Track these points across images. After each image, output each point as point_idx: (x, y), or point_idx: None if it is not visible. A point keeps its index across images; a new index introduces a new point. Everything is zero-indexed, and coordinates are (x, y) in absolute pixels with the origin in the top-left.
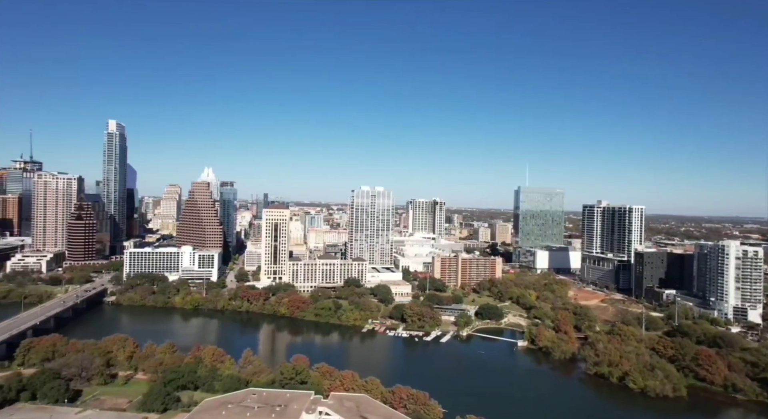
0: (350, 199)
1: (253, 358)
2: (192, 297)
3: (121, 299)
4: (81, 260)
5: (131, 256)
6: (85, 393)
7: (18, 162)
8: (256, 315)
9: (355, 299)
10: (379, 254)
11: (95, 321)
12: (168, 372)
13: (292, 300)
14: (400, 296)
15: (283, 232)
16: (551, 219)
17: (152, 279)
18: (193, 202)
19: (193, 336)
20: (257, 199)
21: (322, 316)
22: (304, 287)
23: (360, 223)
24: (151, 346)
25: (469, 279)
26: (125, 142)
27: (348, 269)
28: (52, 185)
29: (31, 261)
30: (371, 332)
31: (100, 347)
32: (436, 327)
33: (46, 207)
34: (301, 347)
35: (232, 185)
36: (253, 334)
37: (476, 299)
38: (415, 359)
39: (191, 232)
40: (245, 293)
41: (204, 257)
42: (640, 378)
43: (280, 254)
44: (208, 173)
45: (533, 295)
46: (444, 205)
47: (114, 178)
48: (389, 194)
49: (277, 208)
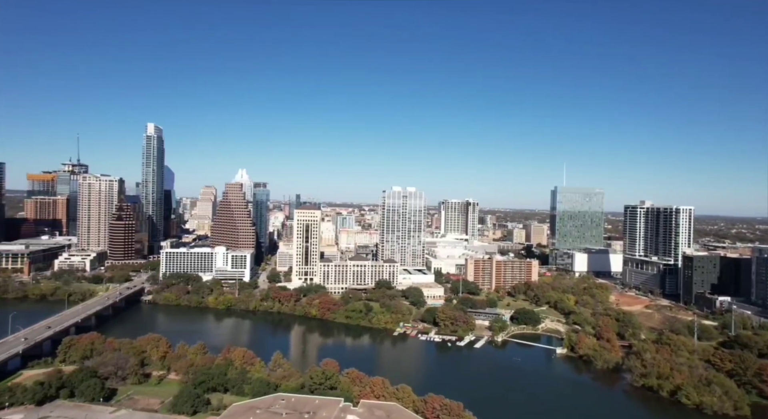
0: (381, 200)
1: (283, 361)
2: (225, 297)
3: (157, 299)
4: (121, 260)
5: (167, 256)
6: (119, 392)
7: (66, 165)
8: (287, 316)
9: (386, 301)
10: (410, 256)
11: (133, 320)
12: (198, 374)
13: (323, 302)
14: (432, 299)
15: (315, 233)
16: (590, 220)
17: (187, 279)
18: (226, 203)
19: (225, 337)
20: (290, 200)
21: (353, 318)
22: (335, 288)
23: (391, 224)
24: (183, 347)
25: (504, 282)
26: (162, 144)
27: (379, 271)
28: (96, 187)
29: (76, 260)
30: (402, 335)
31: (135, 346)
32: (469, 332)
33: (90, 208)
34: (331, 350)
35: (264, 186)
36: (284, 336)
37: (511, 304)
38: (448, 365)
39: (225, 233)
40: (276, 294)
41: (237, 257)
42: (694, 393)
43: (311, 255)
44: (242, 174)
45: (572, 299)
46: (477, 205)
47: (152, 179)
48: (421, 195)
49: (308, 209)
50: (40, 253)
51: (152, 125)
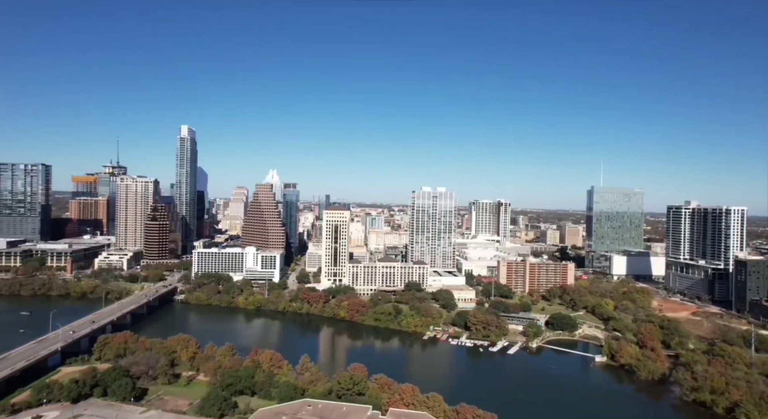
0: (411, 200)
1: (311, 365)
2: (254, 298)
3: (189, 298)
4: (156, 259)
5: (199, 256)
6: (150, 392)
7: (107, 167)
8: (315, 317)
9: (416, 304)
10: (440, 257)
11: (165, 319)
12: (226, 376)
13: (352, 304)
14: (463, 302)
15: (344, 234)
16: (629, 221)
17: (218, 279)
18: (256, 203)
19: (254, 338)
20: (319, 200)
21: (382, 321)
22: (364, 290)
23: (421, 225)
24: (212, 348)
25: (538, 285)
26: (195, 146)
27: (408, 273)
28: (132, 188)
29: (114, 259)
30: (433, 339)
31: (165, 346)
32: (502, 337)
33: (126, 209)
34: (360, 353)
35: (294, 187)
36: (312, 337)
37: (546, 308)
38: (481, 372)
39: (255, 233)
40: (305, 295)
41: (266, 258)
42: (756, 411)
43: (340, 256)
44: (272, 175)
45: (610, 304)
46: (509, 206)
47: (185, 180)
48: (451, 195)
49: (337, 209)
50: (82, 252)
51: (186, 127)
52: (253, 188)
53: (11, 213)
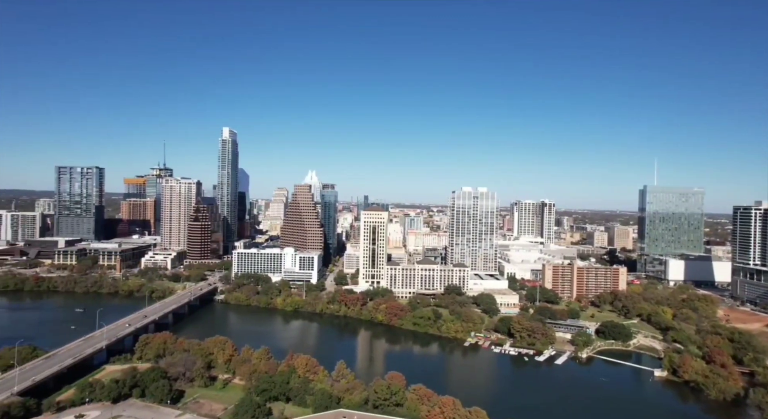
0: (450, 200)
1: (347, 372)
2: (292, 299)
3: (228, 298)
4: (198, 259)
5: (239, 256)
6: (186, 395)
7: (154, 169)
8: (353, 320)
9: (456, 308)
10: (481, 260)
11: (205, 318)
12: (261, 381)
13: (390, 307)
14: (506, 307)
15: (381, 235)
16: (687, 223)
17: (257, 279)
18: (295, 204)
19: (290, 340)
20: (358, 201)
21: (421, 325)
22: (402, 293)
23: (461, 226)
24: (248, 351)
25: (586, 291)
26: (236, 148)
27: (448, 276)
28: (176, 189)
29: (159, 259)
30: (474, 346)
31: (202, 347)
32: (549, 346)
33: (171, 209)
34: (398, 359)
35: (333, 188)
36: (349, 341)
37: (596, 315)
38: (526, 383)
39: (293, 234)
40: (343, 297)
41: (304, 258)
42: None
43: (378, 258)
44: (311, 176)
45: (668, 313)
46: (554, 206)
47: (227, 182)
48: (493, 195)
49: (375, 210)
50: (130, 251)
51: (227, 130)
52: (293, 189)
53: (69, 214)
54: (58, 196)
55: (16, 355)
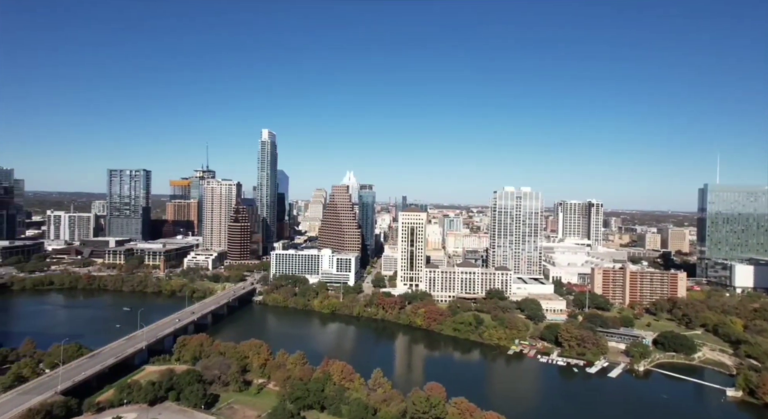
0: (492, 201)
1: (384, 381)
2: (329, 302)
3: (266, 299)
4: (238, 260)
5: (277, 257)
6: (221, 400)
7: (198, 171)
8: (390, 324)
9: (499, 313)
10: (525, 263)
11: (243, 320)
12: (296, 388)
13: (429, 311)
14: (552, 313)
15: (420, 237)
16: (755, 224)
17: (295, 281)
18: (333, 205)
19: (327, 344)
20: (396, 201)
21: (461, 331)
22: (442, 296)
23: (503, 227)
24: (283, 355)
25: (641, 297)
26: (275, 149)
27: (490, 279)
28: (217, 191)
29: (201, 259)
30: (518, 355)
31: (238, 351)
32: (600, 356)
33: (212, 211)
34: (437, 368)
35: (371, 188)
36: (386, 346)
37: (652, 324)
38: (578, 397)
39: (331, 235)
40: (380, 300)
41: (342, 260)
42: None
43: (416, 260)
44: (349, 177)
45: (738, 323)
46: (602, 207)
47: (266, 183)
48: (537, 196)
49: (413, 211)
50: (174, 252)
51: (266, 131)
52: (330, 190)
53: (119, 215)
54: (109, 198)
55: (62, 353)
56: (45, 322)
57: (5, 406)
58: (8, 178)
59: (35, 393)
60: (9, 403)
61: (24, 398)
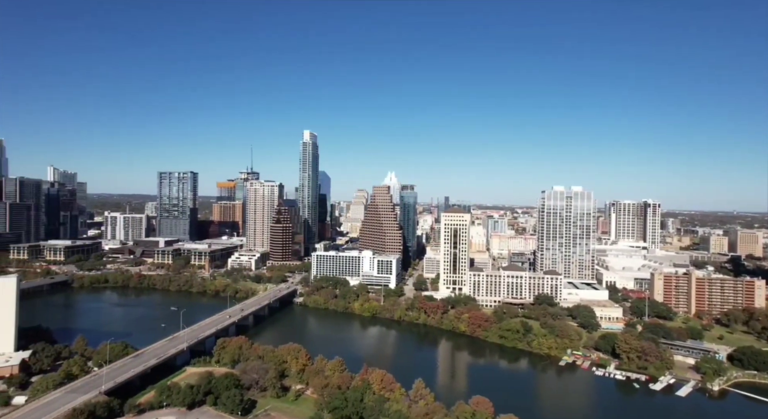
0: (539, 201)
1: (425, 392)
2: (370, 304)
3: (307, 301)
4: (280, 261)
5: (318, 259)
6: (258, 406)
7: (243, 173)
8: (432, 329)
9: (549, 321)
10: (575, 267)
11: (283, 321)
12: (333, 398)
13: (473, 317)
14: (607, 321)
15: (463, 238)
16: None
17: (335, 283)
18: (373, 206)
19: (367, 348)
20: (438, 202)
21: (508, 339)
22: (486, 301)
23: (552, 229)
24: (322, 361)
25: (709, 306)
26: (317, 150)
27: (538, 284)
28: (260, 192)
29: (244, 260)
30: (571, 366)
31: (276, 355)
32: (666, 372)
33: (255, 212)
34: (482, 378)
35: (412, 189)
36: (428, 353)
37: (725, 336)
38: (641, 417)
39: (372, 236)
40: (422, 304)
41: (382, 262)
42: None
43: (459, 263)
44: (390, 177)
45: None
46: (659, 207)
47: (308, 184)
48: (589, 196)
49: (456, 212)
50: (219, 252)
51: (308, 132)
52: (372, 191)
53: (168, 216)
54: (160, 199)
55: (108, 353)
56: (98, 319)
57: (53, 404)
58: (72, 181)
59: (81, 391)
60: (57, 401)
61: (70, 396)
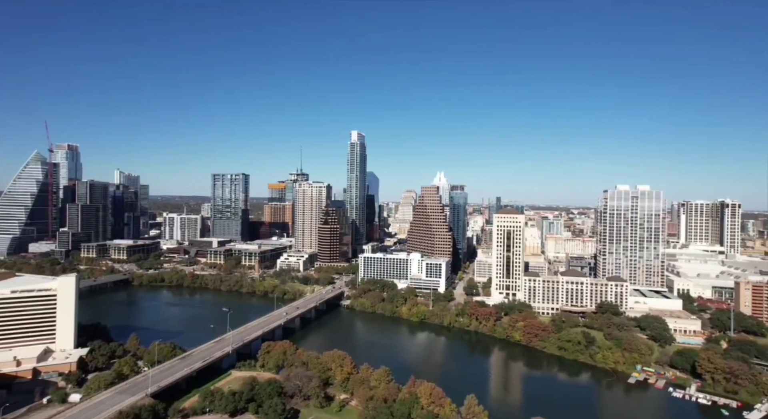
0: (601, 201)
1: (479, 409)
2: (418, 309)
3: (354, 304)
4: (327, 262)
5: (365, 261)
6: (301, 416)
7: (292, 175)
8: (485, 337)
9: (614, 332)
10: (642, 272)
11: (330, 324)
12: (379, 411)
13: (529, 325)
14: (683, 334)
15: (518, 241)
16: None
17: (382, 286)
18: (422, 207)
19: (414, 357)
20: (489, 203)
21: (569, 351)
22: (543, 308)
23: (616, 231)
24: (367, 370)
25: None
26: (365, 150)
27: (601, 291)
28: (308, 193)
29: (293, 261)
30: (642, 384)
31: (321, 362)
32: (763, 398)
33: (304, 213)
34: (541, 393)
35: (462, 189)
36: (481, 363)
37: None
38: None
39: (420, 238)
40: (474, 310)
41: (431, 265)
42: None
43: (513, 267)
44: (439, 177)
45: None
46: (739, 208)
47: (355, 185)
48: (659, 196)
49: (509, 212)
50: (268, 252)
51: (355, 133)
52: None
53: (221, 217)
54: (213, 201)
55: (156, 354)
56: (152, 318)
57: (103, 404)
58: (135, 183)
59: (129, 393)
60: (106, 402)
61: (119, 398)
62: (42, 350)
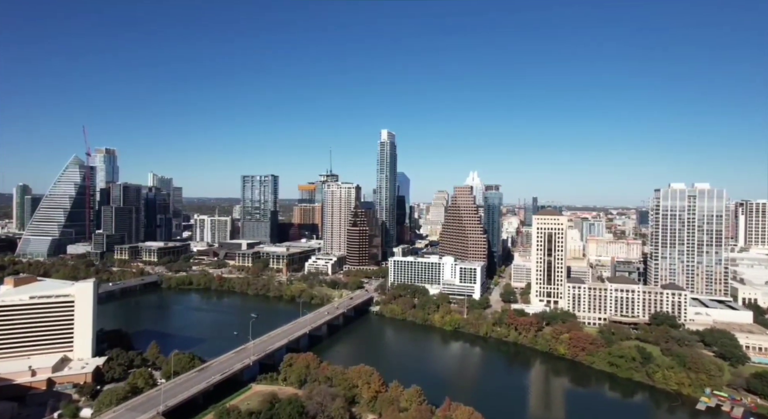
0: (653, 201)
1: None
2: (451, 317)
3: (384, 310)
4: (356, 265)
5: (395, 265)
6: None
7: (322, 176)
8: (524, 349)
9: (674, 347)
10: (702, 279)
11: (358, 332)
12: None
13: (575, 337)
14: (758, 352)
15: (560, 245)
16: None
17: (414, 291)
18: (455, 208)
19: (448, 371)
20: (525, 203)
21: (621, 368)
22: (589, 318)
23: (670, 234)
24: (397, 388)
25: None
26: (395, 150)
27: (655, 300)
28: (337, 194)
29: (321, 264)
30: (713, 411)
31: (346, 377)
32: None
33: (332, 214)
34: (590, 416)
35: (497, 189)
36: (521, 379)
37: None
38: None
39: (453, 240)
40: (512, 319)
41: (465, 270)
42: None
43: (555, 273)
44: (473, 177)
45: None
46: None
47: (385, 185)
48: (720, 194)
49: (550, 214)
50: (297, 255)
51: (385, 132)
52: (452, 192)
53: (251, 219)
54: (243, 202)
55: (172, 365)
56: (177, 323)
57: None
58: (168, 186)
59: (141, 409)
60: None
61: (129, 415)
62: (59, 359)
